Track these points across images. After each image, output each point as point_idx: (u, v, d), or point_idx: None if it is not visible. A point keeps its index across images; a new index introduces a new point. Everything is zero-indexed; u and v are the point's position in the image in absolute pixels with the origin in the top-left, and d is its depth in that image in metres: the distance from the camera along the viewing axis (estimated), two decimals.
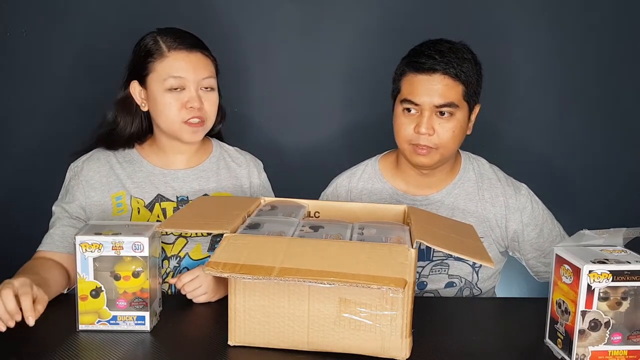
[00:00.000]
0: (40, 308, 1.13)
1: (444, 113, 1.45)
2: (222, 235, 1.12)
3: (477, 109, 1.53)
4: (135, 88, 1.49)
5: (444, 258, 1.54)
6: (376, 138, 1.73)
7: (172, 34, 1.47)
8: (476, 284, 1.57)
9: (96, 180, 1.50)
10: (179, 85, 1.44)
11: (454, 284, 1.56)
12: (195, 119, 1.45)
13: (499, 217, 1.57)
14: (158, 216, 1.50)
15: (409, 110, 1.48)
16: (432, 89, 1.44)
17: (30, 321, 1.09)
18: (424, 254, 1.54)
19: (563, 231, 1.60)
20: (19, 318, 1.10)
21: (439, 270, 1.55)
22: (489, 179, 1.60)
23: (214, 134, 1.63)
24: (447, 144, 1.47)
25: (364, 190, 1.63)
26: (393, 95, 1.55)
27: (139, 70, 1.47)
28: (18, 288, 1.12)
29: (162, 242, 1.47)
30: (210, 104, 1.48)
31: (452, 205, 1.57)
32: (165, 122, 1.47)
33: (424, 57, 1.45)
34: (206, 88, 1.47)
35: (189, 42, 1.46)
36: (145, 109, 1.50)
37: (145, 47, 1.46)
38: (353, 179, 1.64)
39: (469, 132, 1.53)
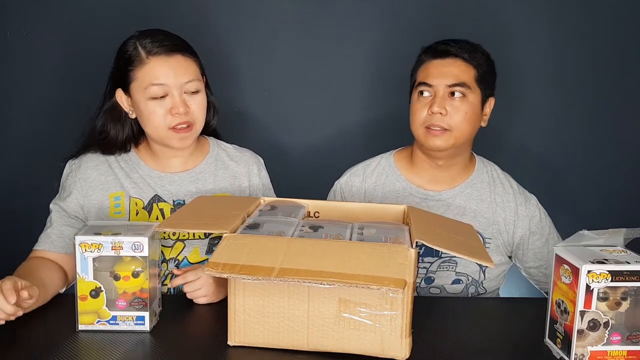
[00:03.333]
0: (26, 295, 1.13)
1: (456, 93, 1.49)
2: (220, 237, 1.12)
3: (491, 102, 1.58)
4: (121, 96, 1.46)
5: (453, 255, 1.55)
6: (378, 138, 1.74)
7: (151, 37, 1.42)
8: (482, 282, 1.58)
9: (94, 178, 1.49)
10: (162, 93, 1.40)
11: (461, 281, 1.57)
12: (183, 124, 1.42)
13: (508, 221, 1.58)
14: (157, 217, 1.50)
15: (422, 93, 1.52)
16: (444, 71, 1.51)
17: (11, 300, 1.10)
18: (432, 251, 1.54)
19: None
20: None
21: (446, 267, 1.56)
22: (502, 184, 1.62)
23: (209, 131, 1.60)
24: (460, 125, 1.50)
25: (377, 182, 1.64)
26: (410, 90, 1.60)
27: (122, 78, 1.43)
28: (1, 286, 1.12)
29: (161, 245, 1.47)
30: (197, 106, 1.44)
31: (463, 205, 1.59)
32: (153, 130, 1.44)
33: (438, 44, 1.54)
34: (191, 91, 1.43)
35: (167, 45, 1.41)
36: (133, 116, 1.46)
37: (125, 54, 1.42)
38: (367, 170, 1.66)
39: (483, 124, 1.57)
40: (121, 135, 1.49)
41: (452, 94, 1.50)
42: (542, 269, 1.60)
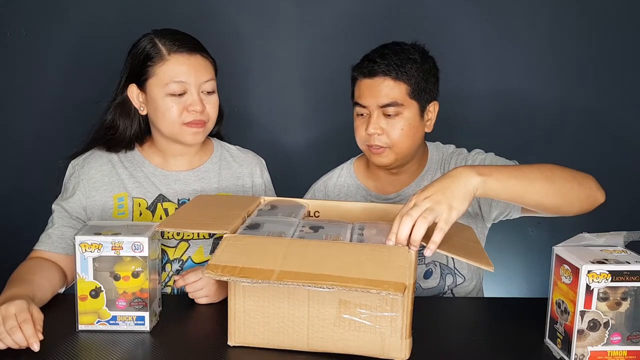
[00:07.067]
0: (40, 328, 1.11)
1: (390, 113, 1.48)
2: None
3: (433, 106, 1.55)
4: (133, 91, 1.47)
5: (421, 249, 1.55)
6: None
7: (171, 36, 1.45)
8: (455, 268, 1.58)
9: (97, 179, 1.49)
10: (181, 90, 1.43)
11: (431, 271, 1.57)
12: (198, 122, 1.45)
13: None
14: (160, 217, 1.49)
15: (361, 113, 1.53)
16: (375, 91, 1.49)
17: (35, 347, 1.08)
18: None
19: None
20: (25, 346, 1.09)
21: (418, 262, 1.56)
22: (450, 158, 1.60)
23: (213, 134, 1.62)
24: (399, 142, 1.50)
25: (340, 193, 1.65)
26: (352, 100, 1.59)
27: (138, 74, 1.45)
28: (17, 315, 1.11)
29: (164, 245, 1.47)
30: (212, 106, 1.47)
31: None
32: (167, 126, 1.45)
33: (366, 62, 1.51)
34: (207, 91, 1.46)
35: (189, 44, 1.45)
36: (143, 112, 1.48)
37: (143, 51, 1.44)
38: (329, 183, 1.67)
39: (428, 130, 1.56)
40: (129, 132, 1.51)
41: (386, 113, 1.48)
42: None
